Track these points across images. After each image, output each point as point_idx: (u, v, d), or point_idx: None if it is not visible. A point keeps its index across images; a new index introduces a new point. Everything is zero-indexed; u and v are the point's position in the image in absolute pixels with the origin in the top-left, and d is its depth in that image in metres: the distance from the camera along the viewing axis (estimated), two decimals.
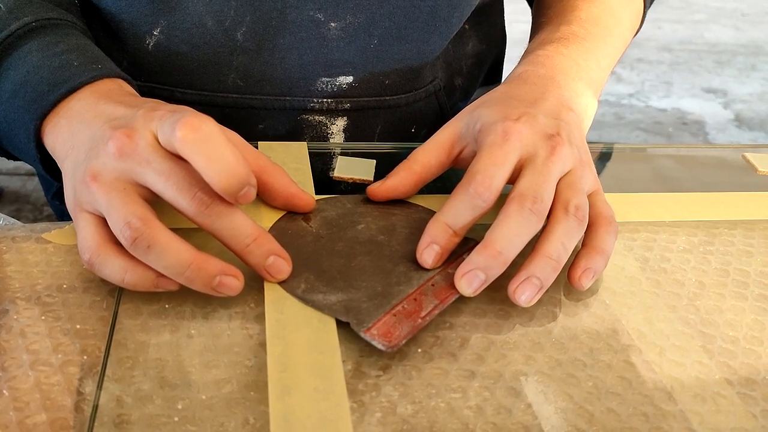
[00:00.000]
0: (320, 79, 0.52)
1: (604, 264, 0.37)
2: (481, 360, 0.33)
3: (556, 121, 0.41)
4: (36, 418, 0.29)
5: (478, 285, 0.35)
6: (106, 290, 0.36)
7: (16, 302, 0.35)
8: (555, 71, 0.46)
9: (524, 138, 0.38)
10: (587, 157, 0.41)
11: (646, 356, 0.34)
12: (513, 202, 0.36)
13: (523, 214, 0.36)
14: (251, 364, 0.32)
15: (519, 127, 0.39)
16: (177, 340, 0.33)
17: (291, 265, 0.36)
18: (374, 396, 0.31)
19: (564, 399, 0.31)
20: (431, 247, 0.37)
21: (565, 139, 0.39)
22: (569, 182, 0.38)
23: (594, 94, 0.48)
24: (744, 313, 0.37)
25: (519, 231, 0.35)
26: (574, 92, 0.45)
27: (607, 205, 0.40)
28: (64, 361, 0.32)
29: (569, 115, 0.42)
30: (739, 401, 0.32)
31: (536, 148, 0.39)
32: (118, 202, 0.34)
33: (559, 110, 0.42)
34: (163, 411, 0.30)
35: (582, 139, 0.42)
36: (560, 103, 0.43)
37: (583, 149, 0.41)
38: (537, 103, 0.42)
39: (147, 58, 0.51)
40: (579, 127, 0.43)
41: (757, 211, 0.45)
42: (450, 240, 0.37)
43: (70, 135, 0.38)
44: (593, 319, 0.36)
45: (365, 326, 0.33)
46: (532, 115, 0.40)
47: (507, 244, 0.35)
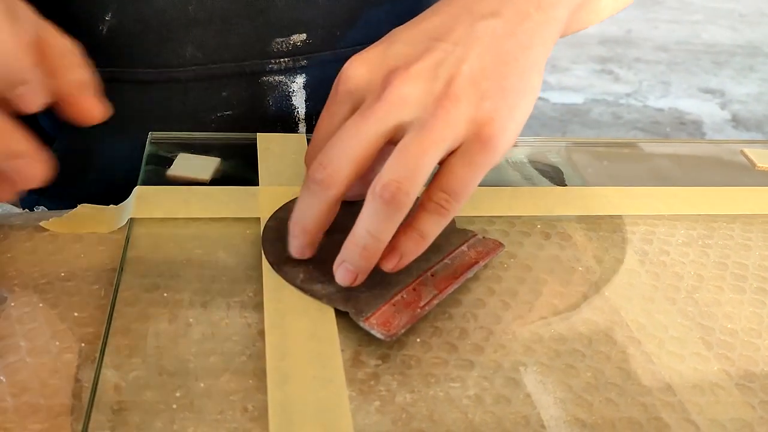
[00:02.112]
0: (274, 41, 0.52)
1: (413, 245, 0.33)
2: (480, 350, 0.33)
3: (452, 54, 0.33)
4: (34, 404, 0.29)
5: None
6: (105, 279, 0.36)
7: (14, 290, 0.35)
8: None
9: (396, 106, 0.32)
10: (495, 104, 0.32)
11: (645, 348, 0.34)
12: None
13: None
14: (250, 353, 0.32)
15: (397, 88, 0.32)
16: (175, 328, 0.33)
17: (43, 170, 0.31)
18: (373, 385, 0.31)
19: (563, 389, 0.31)
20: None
21: (457, 93, 0.32)
22: (400, 149, 0.32)
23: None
24: (742, 305, 0.37)
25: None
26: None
27: (460, 181, 0.33)
28: (62, 348, 0.32)
29: (481, 27, 0.34)
30: (738, 392, 0.32)
31: (415, 111, 0.32)
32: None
33: (461, 23, 0.34)
34: (161, 398, 0.29)
35: (500, 68, 0.33)
36: (471, 8, 0.35)
37: (495, 87, 0.33)
38: (436, 26, 0.35)
39: (102, 43, 0.51)
40: (499, 42, 0.34)
41: (756, 206, 0.45)
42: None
43: None
44: (592, 311, 0.36)
45: (364, 315, 0.33)
46: (418, 57, 0.33)
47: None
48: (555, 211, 0.43)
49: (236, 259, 0.37)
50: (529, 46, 0.34)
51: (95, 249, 0.38)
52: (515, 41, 0.34)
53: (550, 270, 0.38)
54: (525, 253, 0.39)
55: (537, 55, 0.35)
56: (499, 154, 0.33)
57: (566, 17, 0.37)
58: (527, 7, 0.35)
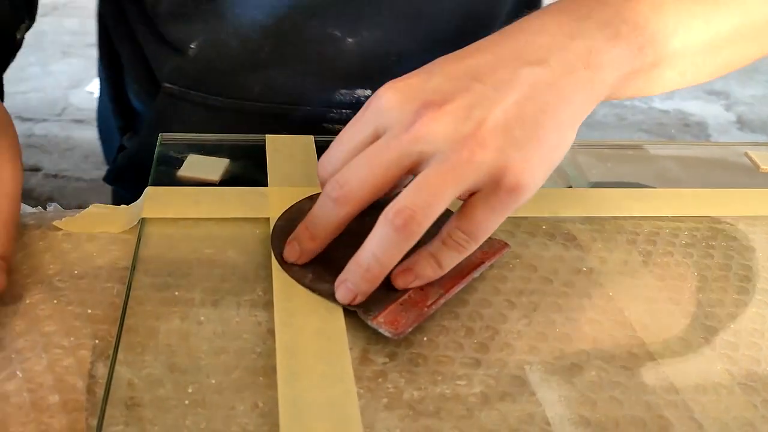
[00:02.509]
0: (339, 91, 0.54)
1: (430, 271, 0.34)
2: (485, 349, 0.34)
3: (485, 97, 0.33)
4: (49, 399, 0.30)
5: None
6: (117, 277, 0.37)
7: (28, 287, 0.35)
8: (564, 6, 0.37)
9: (424, 142, 0.32)
10: (522, 153, 0.32)
11: (649, 347, 0.34)
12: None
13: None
14: (260, 350, 0.33)
15: (427, 124, 0.32)
16: (187, 326, 0.34)
17: None
18: (381, 382, 0.32)
19: (568, 387, 0.32)
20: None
21: (485, 137, 0.32)
22: (420, 179, 0.32)
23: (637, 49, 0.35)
24: (746, 306, 0.38)
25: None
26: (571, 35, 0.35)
27: (478, 225, 0.33)
28: (76, 345, 0.32)
29: (525, 73, 0.33)
30: (740, 392, 0.33)
31: (439, 149, 0.32)
32: None
33: (506, 66, 0.34)
34: (173, 394, 0.30)
35: (536, 118, 0.33)
36: (519, 53, 0.34)
37: (528, 136, 0.32)
38: (479, 65, 0.34)
39: (187, 66, 0.55)
40: (540, 92, 0.33)
41: (759, 207, 0.46)
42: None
43: None
44: (596, 311, 0.36)
45: (372, 314, 0.34)
46: (449, 98, 0.33)
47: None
48: (560, 212, 0.43)
49: (246, 259, 0.38)
50: (569, 101, 0.34)
51: (107, 248, 0.38)
52: (557, 92, 0.33)
53: (554, 270, 0.39)
54: (530, 254, 0.40)
55: (575, 111, 0.34)
56: (522, 201, 0.33)
57: (614, 81, 0.36)
58: (575, 63, 0.34)
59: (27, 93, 2.23)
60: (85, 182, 1.94)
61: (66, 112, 2.21)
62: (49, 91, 2.27)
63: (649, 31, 0.36)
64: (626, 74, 0.36)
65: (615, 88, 0.36)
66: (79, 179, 1.95)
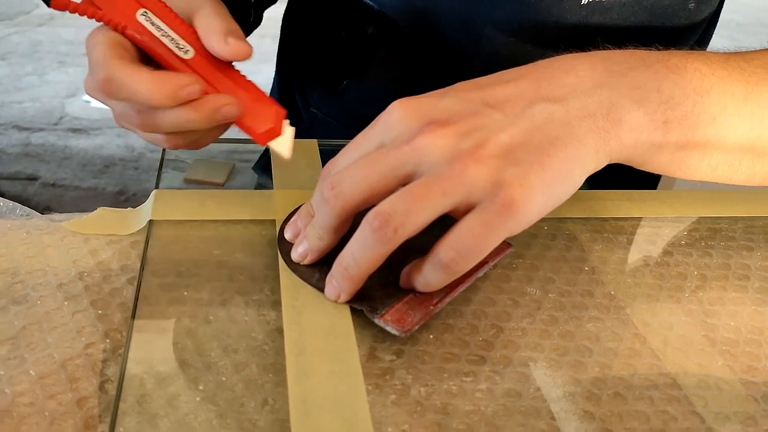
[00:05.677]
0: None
1: (420, 287, 0.34)
2: (490, 346, 0.34)
3: (490, 119, 0.33)
4: (62, 397, 0.30)
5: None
6: (125, 278, 0.37)
7: (37, 288, 0.36)
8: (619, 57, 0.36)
9: (422, 153, 0.32)
10: (523, 182, 0.31)
11: (651, 344, 0.35)
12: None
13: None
14: (269, 349, 0.33)
15: (426, 139, 0.32)
16: (196, 325, 0.34)
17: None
18: (388, 379, 0.32)
19: (572, 383, 0.33)
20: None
21: (483, 155, 0.32)
22: (406, 187, 0.32)
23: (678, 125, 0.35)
24: (745, 304, 0.38)
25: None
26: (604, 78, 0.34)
27: (465, 240, 0.32)
28: (87, 344, 0.33)
29: (539, 108, 0.33)
30: (741, 387, 0.33)
31: (434, 163, 0.32)
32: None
33: (523, 97, 0.34)
34: (184, 391, 0.30)
35: (542, 146, 0.32)
36: (540, 87, 0.34)
37: (532, 159, 0.32)
38: (497, 94, 0.34)
39: (335, 54, 0.59)
40: (551, 126, 0.33)
41: (757, 208, 0.46)
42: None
43: None
44: (599, 309, 0.37)
45: (379, 313, 0.34)
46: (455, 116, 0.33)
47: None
48: (561, 213, 0.44)
49: (253, 259, 0.38)
50: (581, 141, 0.33)
51: (115, 250, 0.39)
52: (569, 130, 0.33)
53: (556, 270, 0.39)
54: (532, 254, 0.41)
55: (586, 153, 0.33)
56: (518, 221, 0.31)
57: (632, 143, 0.34)
58: (595, 110, 0.33)
59: (23, 102, 2.23)
60: (82, 191, 1.94)
61: (63, 122, 2.21)
62: (46, 101, 2.27)
63: (683, 109, 0.34)
64: (647, 143, 0.35)
65: (635, 152, 0.35)
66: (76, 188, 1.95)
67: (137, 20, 0.39)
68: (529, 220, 0.32)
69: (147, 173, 2.07)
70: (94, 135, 2.21)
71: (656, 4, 0.47)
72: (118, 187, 1.99)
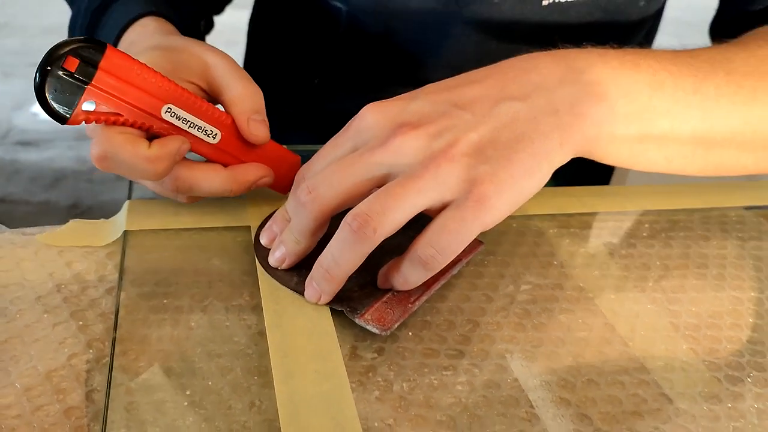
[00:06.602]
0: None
1: (399, 286, 0.36)
2: (467, 340, 0.35)
3: (461, 119, 0.34)
4: (49, 408, 0.30)
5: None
6: (103, 289, 0.37)
7: (15, 302, 0.36)
8: (575, 54, 0.37)
9: (399, 154, 0.34)
10: (492, 173, 0.33)
11: (620, 332, 0.37)
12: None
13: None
14: (251, 352, 0.34)
15: (399, 141, 0.34)
16: (178, 332, 0.34)
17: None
18: (371, 376, 0.33)
19: (548, 372, 0.34)
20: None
21: (455, 154, 0.33)
22: (383, 188, 0.33)
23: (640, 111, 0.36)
24: (705, 291, 0.40)
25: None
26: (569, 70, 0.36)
27: (437, 238, 0.33)
28: (70, 355, 0.33)
29: (505, 107, 0.35)
30: (704, 368, 0.35)
31: (408, 164, 0.34)
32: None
33: (489, 97, 0.35)
34: (171, 397, 0.31)
35: (510, 143, 0.34)
36: (505, 87, 0.35)
37: (501, 156, 0.33)
38: (464, 94, 0.36)
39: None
40: (518, 123, 0.34)
41: (711, 200, 0.49)
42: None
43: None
44: (569, 301, 0.39)
45: (359, 313, 0.35)
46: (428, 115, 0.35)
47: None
48: (528, 211, 0.45)
49: (230, 266, 0.39)
50: (546, 136, 0.34)
51: (91, 261, 0.39)
52: (534, 126, 0.34)
53: (527, 265, 0.41)
54: (503, 251, 0.42)
55: (551, 147, 0.34)
56: (491, 215, 0.33)
57: (594, 136, 0.36)
58: (559, 106, 0.35)
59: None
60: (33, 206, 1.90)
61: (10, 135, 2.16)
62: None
63: (639, 103, 0.36)
64: (608, 136, 0.36)
65: (597, 145, 0.36)
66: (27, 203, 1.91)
67: (162, 118, 0.37)
68: (501, 214, 0.33)
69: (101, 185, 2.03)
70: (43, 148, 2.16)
71: (610, 2, 0.49)
72: (71, 200, 1.95)
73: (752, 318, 0.39)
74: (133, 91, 0.35)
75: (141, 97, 0.35)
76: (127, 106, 0.35)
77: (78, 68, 0.33)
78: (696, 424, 0.32)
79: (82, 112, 0.34)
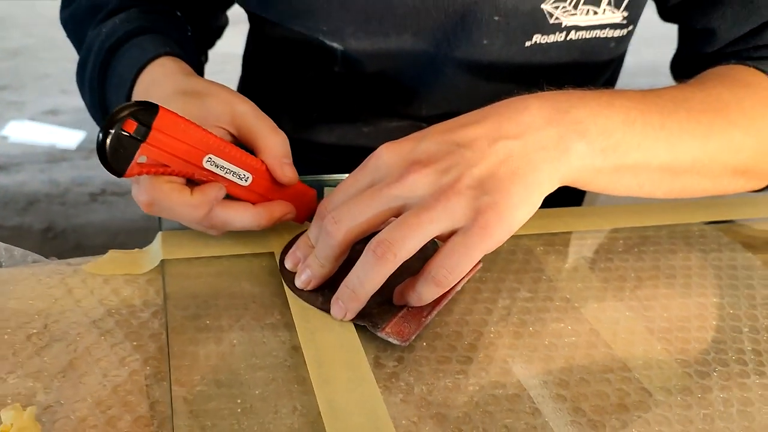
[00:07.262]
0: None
1: (413, 302, 0.41)
2: (474, 348, 0.41)
3: (467, 155, 0.39)
4: (120, 417, 0.35)
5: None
6: (149, 312, 0.42)
7: (73, 327, 0.40)
8: (552, 96, 0.43)
9: (412, 188, 0.39)
10: (491, 204, 0.38)
11: (603, 336, 0.42)
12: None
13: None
14: (289, 364, 0.39)
15: (412, 177, 0.39)
16: (222, 349, 0.39)
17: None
18: (394, 381, 0.38)
19: (544, 373, 0.39)
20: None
21: (461, 188, 0.38)
22: (400, 218, 0.38)
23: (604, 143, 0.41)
24: (674, 298, 0.46)
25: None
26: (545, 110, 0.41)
27: (449, 263, 0.39)
28: (131, 372, 0.37)
29: (501, 145, 0.40)
30: (677, 365, 0.41)
31: (421, 197, 0.39)
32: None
33: (488, 137, 0.40)
34: (225, 405, 0.36)
35: (507, 177, 0.39)
36: (501, 127, 0.41)
37: (500, 188, 0.39)
38: (465, 135, 0.41)
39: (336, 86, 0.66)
40: (513, 159, 0.40)
41: (677, 217, 0.55)
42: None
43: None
44: (559, 311, 0.44)
45: (380, 327, 0.40)
46: (435, 154, 0.40)
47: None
48: (518, 232, 0.51)
49: (260, 288, 0.44)
50: (538, 169, 0.40)
51: (134, 287, 0.44)
52: (527, 162, 0.40)
53: (520, 280, 0.47)
54: (497, 268, 0.48)
55: (542, 179, 0.40)
56: (494, 240, 0.38)
57: (579, 168, 0.41)
58: (547, 143, 0.40)
59: None
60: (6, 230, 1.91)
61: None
62: None
63: (614, 139, 0.42)
64: (590, 168, 0.42)
65: (580, 175, 0.42)
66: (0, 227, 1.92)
67: (203, 167, 0.41)
68: (502, 238, 0.39)
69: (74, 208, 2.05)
70: (14, 171, 2.17)
71: (585, 44, 0.56)
72: (45, 224, 1.96)
73: (715, 321, 0.45)
74: (179, 144, 0.40)
75: (186, 150, 0.40)
76: (174, 158, 0.40)
77: (135, 129, 0.38)
78: (672, 412, 0.38)
79: (136, 165, 0.39)
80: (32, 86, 2.75)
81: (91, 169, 2.18)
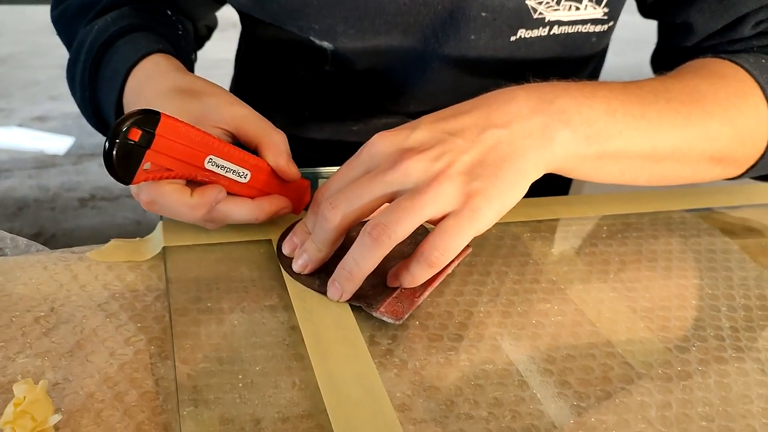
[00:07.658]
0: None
1: (407, 283, 0.42)
2: (465, 326, 0.43)
3: (457, 143, 0.41)
4: (127, 392, 0.36)
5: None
6: (152, 296, 0.43)
7: (80, 310, 0.42)
8: (538, 87, 0.45)
9: (407, 174, 0.41)
10: (483, 187, 0.40)
11: (588, 315, 0.44)
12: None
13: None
14: (287, 343, 0.40)
15: (406, 164, 0.41)
16: (224, 329, 0.41)
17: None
18: (389, 358, 0.40)
19: (532, 350, 0.41)
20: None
21: (452, 174, 0.40)
22: (394, 203, 0.40)
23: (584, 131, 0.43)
24: (655, 280, 0.48)
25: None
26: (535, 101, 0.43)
27: (443, 243, 0.40)
28: (136, 351, 0.39)
29: (489, 133, 0.42)
30: (658, 341, 0.43)
31: (414, 182, 0.41)
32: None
33: (477, 126, 0.42)
34: (228, 380, 0.37)
35: (495, 163, 0.41)
36: (489, 116, 0.43)
37: (488, 173, 0.41)
38: (456, 124, 0.43)
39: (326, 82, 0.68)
40: (501, 146, 0.42)
41: (658, 205, 0.57)
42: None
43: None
44: (545, 292, 0.46)
45: (375, 307, 0.42)
46: (427, 140, 0.42)
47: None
48: (505, 219, 0.52)
49: (258, 273, 0.45)
50: (524, 156, 0.42)
51: (137, 273, 0.45)
52: (514, 149, 0.42)
53: (508, 264, 0.48)
54: (486, 252, 0.49)
55: (529, 165, 0.42)
56: (483, 222, 0.40)
57: (564, 155, 0.43)
58: (533, 131, 0.42)
59: None
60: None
61: None
62: None
63: (597, 128, 0.44)
64: (574, 155, 0.44)
65: (565, 163, 0.44)
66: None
67: (205, 167, 0.43)
68: (491, 220, 0.41)
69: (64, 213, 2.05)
70: (4, 177, 2.17)
71: (567, 38, 0.58)
72: (35, 229, 1.96)
73: (695, 300, 0.47)
74: (182, 147, 0.41)
75: (188, 152, 0.42)
76: (177, 162, 0.41)
77: (140, 137, 0.39)
78: (653, 383, 0.39)
79: (142, 172, 0.40)
80: (21, 93, 2.76)
81: (80, 174, 2.19)
